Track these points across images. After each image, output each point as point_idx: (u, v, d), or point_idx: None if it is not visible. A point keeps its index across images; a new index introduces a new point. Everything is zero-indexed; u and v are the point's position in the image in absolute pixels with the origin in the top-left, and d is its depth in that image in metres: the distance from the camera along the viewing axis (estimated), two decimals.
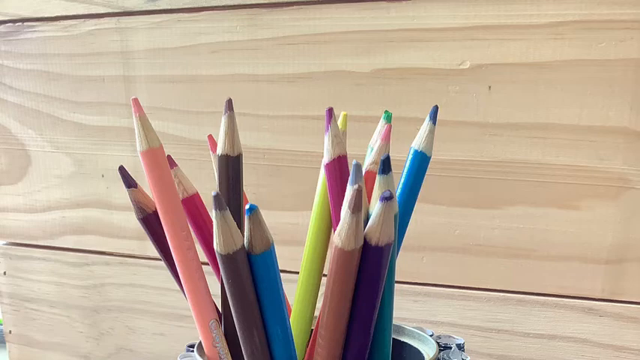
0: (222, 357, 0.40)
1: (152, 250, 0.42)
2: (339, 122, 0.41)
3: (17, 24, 0.71)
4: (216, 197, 0.34)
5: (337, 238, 0.36)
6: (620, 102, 0.54)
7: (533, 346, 0.59)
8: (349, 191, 0.35)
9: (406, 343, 0.45)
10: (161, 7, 0.64)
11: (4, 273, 0.80)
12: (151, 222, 0.41)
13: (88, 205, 0.75)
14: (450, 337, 0.45)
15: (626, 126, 0.54)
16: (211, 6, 0.62)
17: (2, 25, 0.72)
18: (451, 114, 0.57)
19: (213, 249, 0.36)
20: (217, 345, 0.40)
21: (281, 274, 0.37)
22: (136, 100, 0.37)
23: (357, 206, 0.34)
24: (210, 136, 0.43)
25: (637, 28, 0.52)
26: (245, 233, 0.35)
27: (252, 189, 0.65)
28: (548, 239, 0.57)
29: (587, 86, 0.54)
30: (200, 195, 0.42)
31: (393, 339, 0.41)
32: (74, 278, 0.77)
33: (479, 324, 0.60)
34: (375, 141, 0.40)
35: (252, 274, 0.36)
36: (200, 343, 0.41)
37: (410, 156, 0.41)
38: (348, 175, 0.36)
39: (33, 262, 0.79)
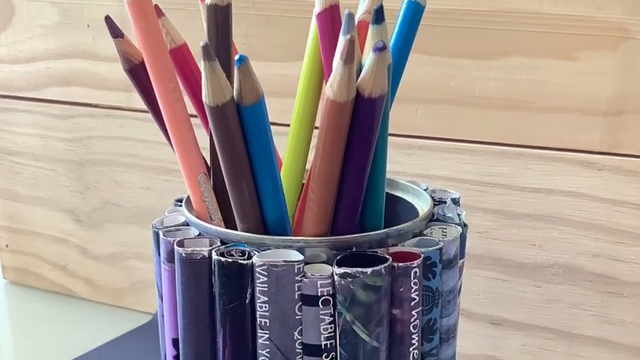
0: (210, 211, 0.41)
1: (139, 102, 0.42)
2: None
3: None
4: (205, 48, 0.34)
5: (329, 89, 0.36)
6: None
7: (530, 201, 0.59)
8: (341, 41, 0.35)
9: (400, 197, 0.46)
10: None
11: None
12: (137, 73, 0.41)
13: (73, 55, 0.75)
14: (444, 191, 0.45)
15: None
16: None
17: None
18: None
19: (202, 101, 0.36)
20: (206, 199, 0.41)
21: (271, 127, 0.37)
22: None
23: (350, 57, 0.35)
24: None
25: None
26: (234, 85, 0.35)
27: (241, 39, 0.64)
28: (545, 91, 0.57)
29: None
30: (188, 46, 0.42)
31: (387, 193, 0.42)
32: (59, 131, 0.78)
33: (474, 178, 0.61)
34: None
35: (241, 126, 0.36)
36: (188, 197, 0.42)
37: (404, 5, 0.40)
38: (340, 25, 0.36)
39: (17, 115, 0.79)
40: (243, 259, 0.37)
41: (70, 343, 0.71)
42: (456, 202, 0.44)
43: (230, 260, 0.37)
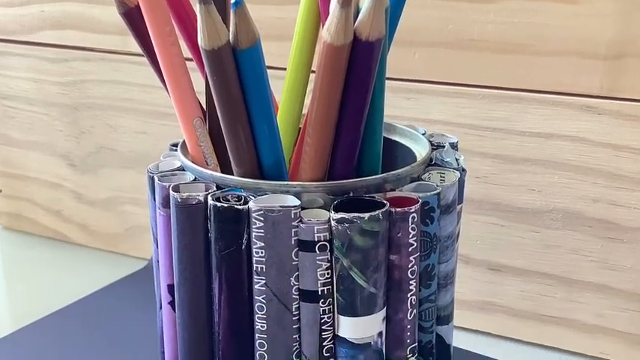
0: (206, 156, 0.41)
1: (134, 46, 0.41)
2: None
3: None
4: None
5: (326, 32, 0.36)
6: None
7: (529, 145, 0.59)
8: None
9: (398, 141, 0.46)
10: None
11: None
12: (133, 16, 0.41)
13: None
14: (443, 135, 0.45)
15: None
16: None
17: None
18: None
19: (198, 44, 0.36)
20: (202, 144, 0.41)
21: (268, 71, 0.37)
22: None
23: (347, 0, 0.34)
24: None
25: None
26: (230, 28, 0.35)
27: None
28: (544, 34, 0.57)
29: None
30: None
31: (384, 138, 0.42)
32: (53, 75, 0.77)
33: (473, 122, 0.61)
34: None
35: (237, 70, 0.36)
36: (184, 141, 0.42)
37: None
38: None
39: (11, 58, 0.79)
40: (239, 204, 0.37)
41: (65, 289, 0.71)
42: (454, 146, 0.44)
43: (226, 205, 0.37)
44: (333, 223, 0.36)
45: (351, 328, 0.38)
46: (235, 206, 0.37)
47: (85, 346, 0.62)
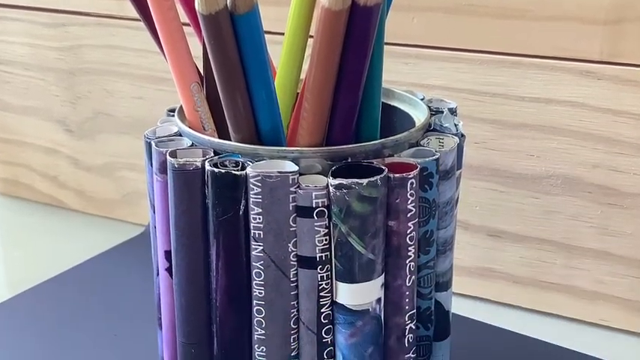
0: (203, 121, 0.41)
1: (131, 11, 0.41)
2: None
3: None
4: None
5: None
6: None
7: (528, 111, 0.59)
8: None
9: (396, 107, 0.46)
10: None
11: None
12: None
13: None
14: (441, 100, 0.45)
15: None
16: None
17: None
18: None
19: (195, 9, 0.36)
20: (199, 109, 0.41)
21: (265, 36, 0.37)
22: None
23: None
24: None
25: None
26: None
27: None
28: None
29: None
30: None
31: (383, 103, 0.42)
32: (49, 39, 0.77)
33: (472, 87, 0.60)
34: None
35: (235, 35, 0.36)
36: (181, 107, 0.42)
37: None
38: None
39: (6, 23, 0.79)
40: (237, 170, 0.37)
41: (61, 256, 0.71)
42: (453, 111, 0.44)
43: (223, 171, 0.37)
44: (331, 189, 0.36)
45: (349, 294, 0.38)
46: (233, 172, 0.37)
47: (82, 313, 0.62)
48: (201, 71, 0.42)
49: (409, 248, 0.39)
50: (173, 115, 0.43)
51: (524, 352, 0.58)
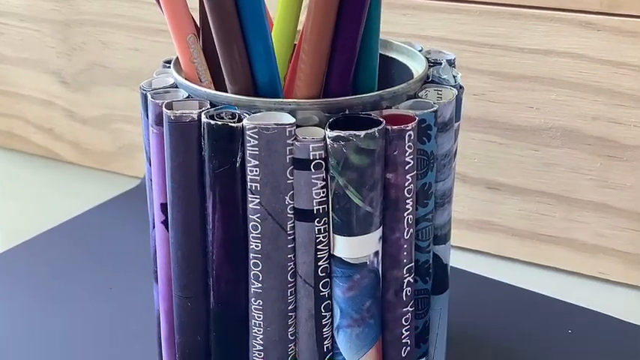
0: (200, 73, 0.41)
1: None
2: None
3: None
4: None
5: None
6: None
7: (527, 62, 0.59)
8: None
9: (394, 58, 0.46)
10: None
11: None
12: None
13: None
14: (440, 52, 0.45)
15: None
16: None
17: None
18: None
19: None
20: (195, 61, 0.40)
21: None
22: None
23: None
24: None
25: None
26: None
27: None
28: None
29: None
30: None
31: (380, 55, 0.42)
32: None
33: (470, 39, 0.60)
34: None
35: None
36: (177, 58, 0.42)
37: None
38: None
39: None
40: (233, 122, 0.37)
41: (57, 208, 0.71)
42: (451, 63, 0.44)
43: (220, 123, 0.37)
44: (328, 141, 0.36)
45: (346, 247, 0.38)
46: (229, 124, 0.37)
47: (77, 266, 0.62)
48: (198, 22, 0.41)
49: (407, 201, 0.39)
50: (169, 67, 0.43)
51: (523, 305, 0.58)
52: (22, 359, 0.52)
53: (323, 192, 0.37)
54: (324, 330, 0.39)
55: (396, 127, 0.37)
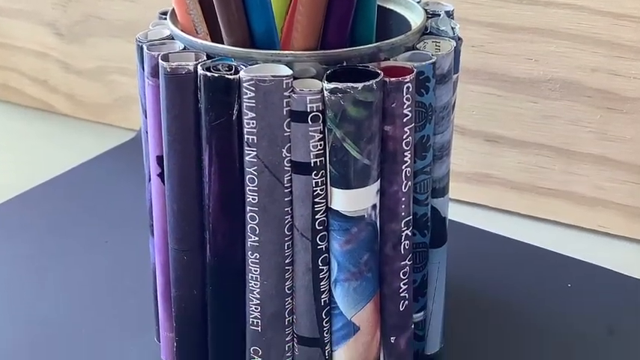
0: (196, 24, 0.40)
1: None
2: None
3: None
4: None
5: None
6: None
7: (527, 13, 0.59)
8: None
9: (392, 10, 0.45)
10: None
11: None
12: None
13: None
14: (438, 3, 0.45)
15: None
16: None
17: None
18: None
19: None
20: (191, 12, 0.40)
21: None
22: None
23: None
24: None
25: None
26: None
27: None
28: None
29: None
30: None
31: (378, 6, 0.42)
32: None
33: None
34: None
35: None
36: (173, 10, 0.42)
37: None
38: None
39: None
40: (230, 74, 0.37)
41: (51, 161, 0.71)
42: (449, 14, 0.44)
43: (216, 75, 0.37)
44: (325, 93, 0.36)
45: (344, 200, 0.38)
46: (226, 76, 0.37)
47: (72, 219, 0.62)
48: None
49: (405, 153, 0.39)
50: (165, 18, 0.43)
51: (522, 258, 0.58)
52: (17, 313, 0.53)
53: (320, 145, 0.37)
54: (321, 284, 0.40)
55: (393, 79, 0.37)
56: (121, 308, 0.53)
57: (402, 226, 0.40)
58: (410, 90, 0.37)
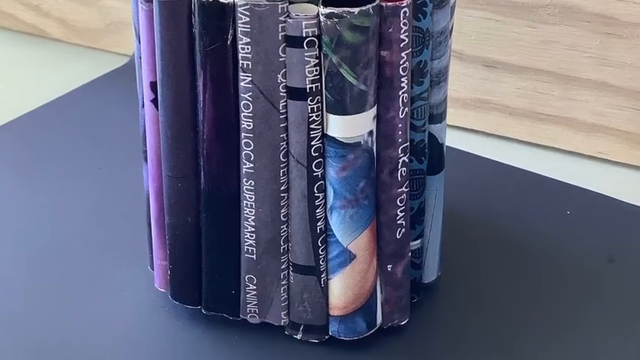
0: None
1: None
2: None
3: None
4: None
5: None
6: None
7: None
8: None
9: None
10: None
11: None
12: None
13: None
14: None
15: None
16: None
17: None
18: None
19: None
20: None
21: None
22: None
23: None
24: None
25: None
26: None
27: None
28: None
29: None
30: None
31: None
32: None
33: None
34: None
35: None
36: None
37: None
38: None
39: None
40: None
41: (45, 86, 0.71)
42: None
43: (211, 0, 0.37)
44: (321, 18, 0.36)
45: (340, 126, 0.38)
46: (220, 0, 0.36)
47: (65, 145, 0.62)
48: None
49: (402, 79, 0.38)
50: None
51: (520, 186, 0.58)
52: (10, 240, 0.53)
53: (316, 70, 0.37)
54: (317, 211, 0.40)
55: (390, 3, 0.37)
56: (114, 236, 0.53)
57: (399, 152, 0.40)
58: (407, 15, 0.37)
